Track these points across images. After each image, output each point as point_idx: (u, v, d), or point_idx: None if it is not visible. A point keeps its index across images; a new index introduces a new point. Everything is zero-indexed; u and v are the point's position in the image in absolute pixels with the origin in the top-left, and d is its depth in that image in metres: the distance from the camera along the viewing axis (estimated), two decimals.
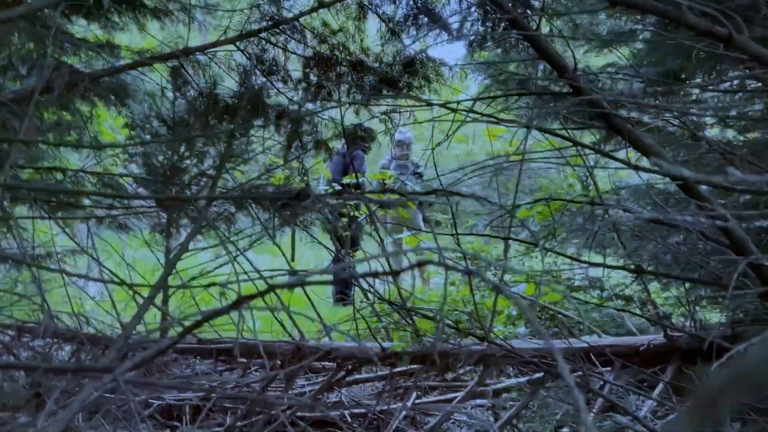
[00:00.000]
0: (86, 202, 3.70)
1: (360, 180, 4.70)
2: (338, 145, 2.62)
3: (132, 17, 3.58)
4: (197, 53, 1.97)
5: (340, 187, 4.33)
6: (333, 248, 6.00)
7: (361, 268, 6.24)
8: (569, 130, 4.12)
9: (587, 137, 4.18)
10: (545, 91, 2.70)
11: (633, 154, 3.76)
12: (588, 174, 4.72)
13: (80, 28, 3.82)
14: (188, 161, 3.83)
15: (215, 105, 2.04)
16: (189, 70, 3.55)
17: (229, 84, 2.33)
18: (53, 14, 3.81)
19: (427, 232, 4.76)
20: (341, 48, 2.22)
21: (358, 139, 2.41)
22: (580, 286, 4.26)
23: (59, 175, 2.57)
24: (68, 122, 3.96)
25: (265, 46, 2.17)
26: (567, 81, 1.89)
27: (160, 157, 3.77)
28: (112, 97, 3.05)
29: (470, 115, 2.11)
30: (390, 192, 1.96)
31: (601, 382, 2.83)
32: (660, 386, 2.70)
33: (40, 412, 2.52)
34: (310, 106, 2.25)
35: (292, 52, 2.22)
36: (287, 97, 2.26)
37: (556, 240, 4.86)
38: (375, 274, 2.11)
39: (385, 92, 2.26)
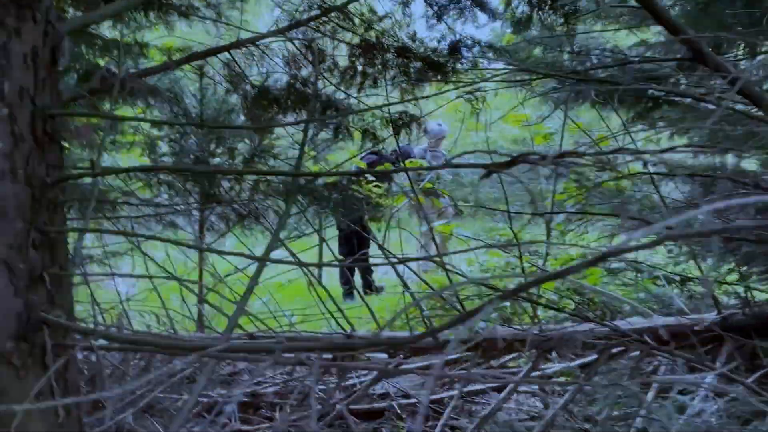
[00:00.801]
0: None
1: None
2: (384, 133, 2.60)
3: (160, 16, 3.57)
4: (249, 45, 1.95)
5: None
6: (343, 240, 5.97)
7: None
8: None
9: (615, 120, 4.13)
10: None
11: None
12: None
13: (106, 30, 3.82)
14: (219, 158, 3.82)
15: (266, 96, 2.02)
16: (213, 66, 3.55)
17: (278, 74, 2.30)
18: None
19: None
20: (387, 34, 2.20)
21: (404, 126, 2.38)
22: (617, 268, 4.22)
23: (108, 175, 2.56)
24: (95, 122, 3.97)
25: (313, 35, 2.15)
26: (686, 44, 1.83)
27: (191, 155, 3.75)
28: (149, 97, 3.05)
29: None
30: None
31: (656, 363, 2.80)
32: (718, 364, 2.66)
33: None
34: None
35: (340, 40, 2.19)
36: (334, 86, 2.24)
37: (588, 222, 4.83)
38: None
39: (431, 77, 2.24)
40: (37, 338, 1.00)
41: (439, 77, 2.34)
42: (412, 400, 3.14)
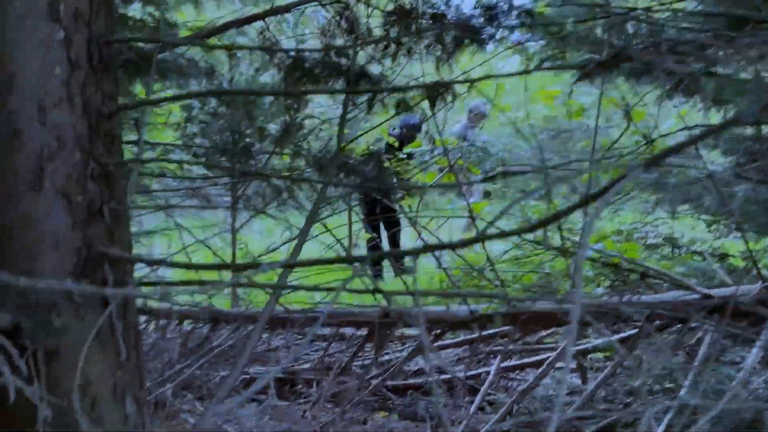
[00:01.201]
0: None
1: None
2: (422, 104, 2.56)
3: None
4: (284, 12, 1.92)
5: (405, 155, 4.29)
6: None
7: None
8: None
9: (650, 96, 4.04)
10: None
11: None
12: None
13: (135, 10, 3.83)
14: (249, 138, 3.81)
15: (300, 66, 1.99)
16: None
17: (311, 45, 2.27)
18: None
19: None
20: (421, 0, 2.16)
21: (440, 97, 2.34)
22: (655, 243, 4.14)
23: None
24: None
25: (347, 2, 2.11)
26: None
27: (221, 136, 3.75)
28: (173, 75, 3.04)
29: None
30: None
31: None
32: (763, 336, 2.59)
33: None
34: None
35: (374, 7, 2.16)
36: (369, 55, 2.20)
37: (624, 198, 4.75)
38: None
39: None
40: (97, 274, 0.98)
41: (475, 45, 2.29)
42: (448, 376, 3.13)
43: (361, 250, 6.15)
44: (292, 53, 1.88)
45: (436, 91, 2.32)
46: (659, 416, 2.36)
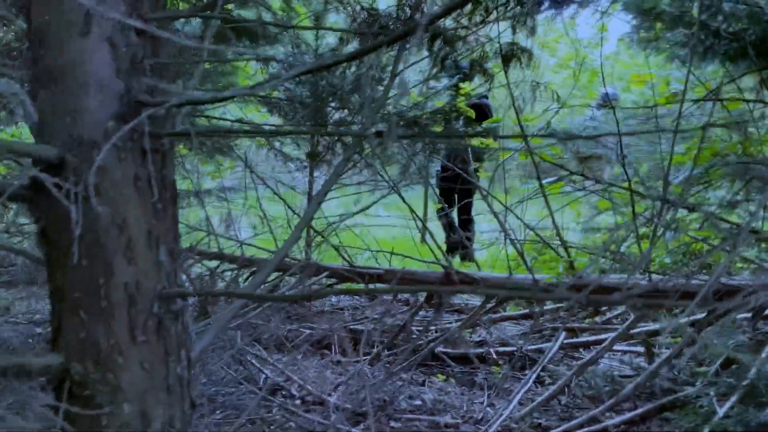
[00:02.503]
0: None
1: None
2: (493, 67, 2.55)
3: None
4: None
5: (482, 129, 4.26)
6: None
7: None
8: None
9: (747, 81, 3.85)
10: None
11: None
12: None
13: None
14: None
15: (375, 19, 2.02)
16: None
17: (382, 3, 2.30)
18: None
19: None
20: None
21: (515, 59, 2.32)
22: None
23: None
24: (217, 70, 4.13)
25: None
26: None
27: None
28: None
29: None
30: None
31: None
32: None
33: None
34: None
35: None
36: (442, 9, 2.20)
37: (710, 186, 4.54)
38: None
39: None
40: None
41: (554, 9, 2.26)
42: (510, 348, 3.12)
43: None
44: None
45: (511, 52, 2.31)
46: (722, 398, 2.27)
